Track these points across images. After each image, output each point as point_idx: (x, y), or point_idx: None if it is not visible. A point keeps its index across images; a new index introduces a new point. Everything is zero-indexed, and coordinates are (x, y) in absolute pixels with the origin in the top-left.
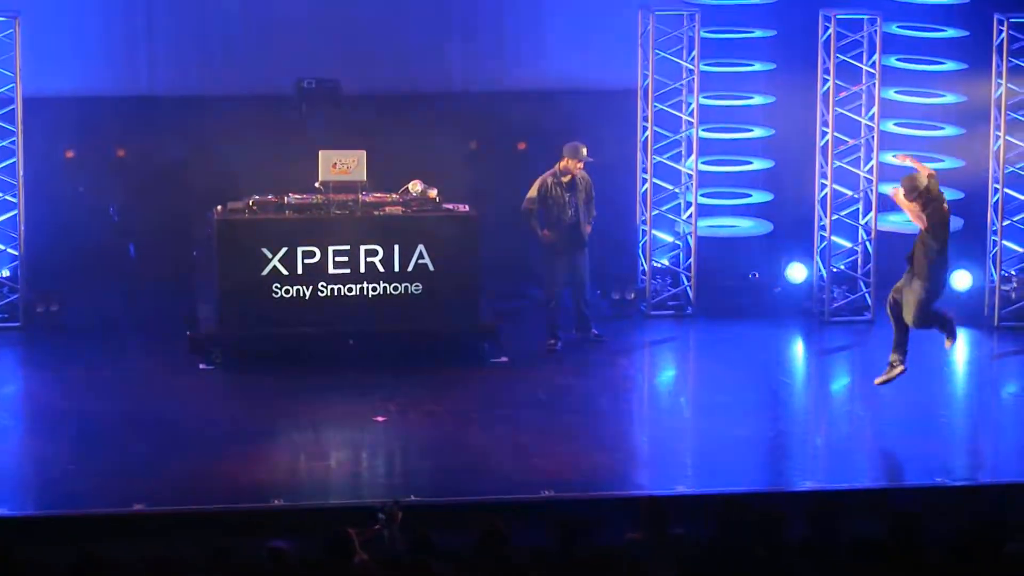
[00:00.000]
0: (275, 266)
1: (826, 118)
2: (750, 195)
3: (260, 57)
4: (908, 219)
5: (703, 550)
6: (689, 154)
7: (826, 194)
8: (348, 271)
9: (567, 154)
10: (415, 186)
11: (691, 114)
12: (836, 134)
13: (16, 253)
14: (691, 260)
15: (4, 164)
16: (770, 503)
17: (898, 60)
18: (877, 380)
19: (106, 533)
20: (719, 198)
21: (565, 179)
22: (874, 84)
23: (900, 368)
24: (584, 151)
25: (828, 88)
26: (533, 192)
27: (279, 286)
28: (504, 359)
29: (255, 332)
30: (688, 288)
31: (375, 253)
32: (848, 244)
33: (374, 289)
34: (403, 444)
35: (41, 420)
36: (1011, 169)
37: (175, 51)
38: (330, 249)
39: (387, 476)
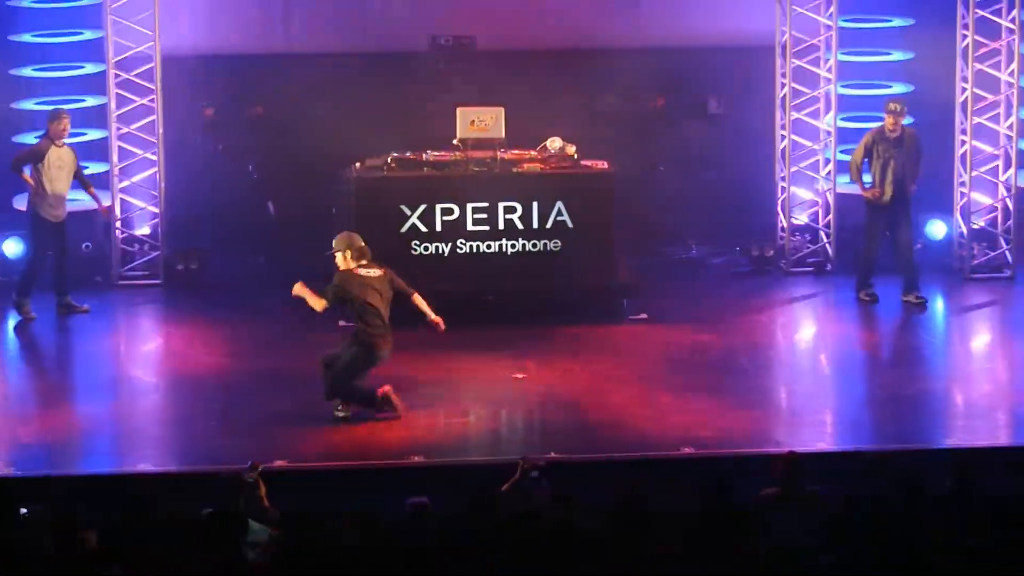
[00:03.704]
0: (414, 223)
1: (965, 74)
2: None
3: (396, 13)
4: None
5: (842, 507)
6: (828, 110)
7: (966, 151)
8: (487, 228)
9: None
10: (553, 142)
11: (829, 70)
12: (975, 90)
13: (156, 211)
14: (830, 217)
15: (144, 122)
16: (910, 461)
17: None
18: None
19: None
20: None
21: (892, 135)
22: (1014, 40)
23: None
24: (891, 105)
25: (967, 44)
26: (859, 147)
27: (418, 243)
28: (643, 316)
29: None
30: (827, 245)
31: (514, 210)
32: (988, 200)
33: (513, 246)
34: (541, 401)
35: (182, 377)
36: None
37: (311, 7)
38: (468, 206)
39: (526, 433)
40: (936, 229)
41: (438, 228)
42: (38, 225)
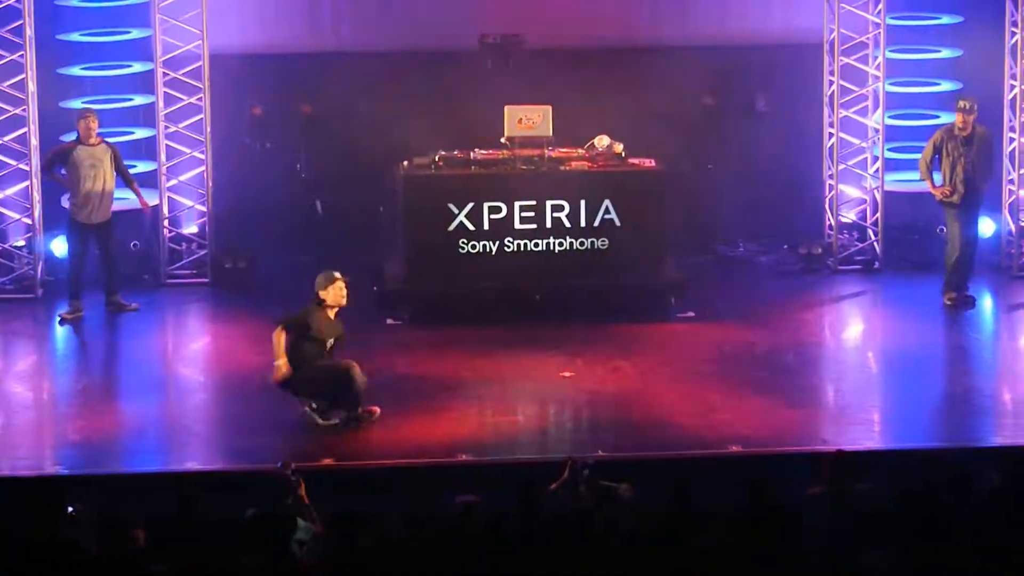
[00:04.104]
0: (461, 222)
1: (1014, 71)
2: None
3: (444, 12)
4: None
5: (890, 505)
6: (876, 108)
7: (1014, 148)
8: (534, 226)
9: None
10: (601, 141)
11: (877, 68)
12: None
13: (204, 209)
14: (878, 215)
15: (192, 121)
16: (958, 458)
17: None
18: None
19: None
20: (906, 152)
21: (962, 133)
22: None
23: None
24: (961, 103)
25: (1016, 41)
26: (928, 146)
27: (465, 241)
28: (691, 314)
29: (441, 287)
30: (875, 243)
31: (561, 208)
32: None
33: (560, 244)
34: (589, 399)
35: (229, 376)
36: None
37: (359, 6)
38: (516, 204)
39: (573, 431)
40: (984, 227)
41: (486, 226)
42: (70, 227)
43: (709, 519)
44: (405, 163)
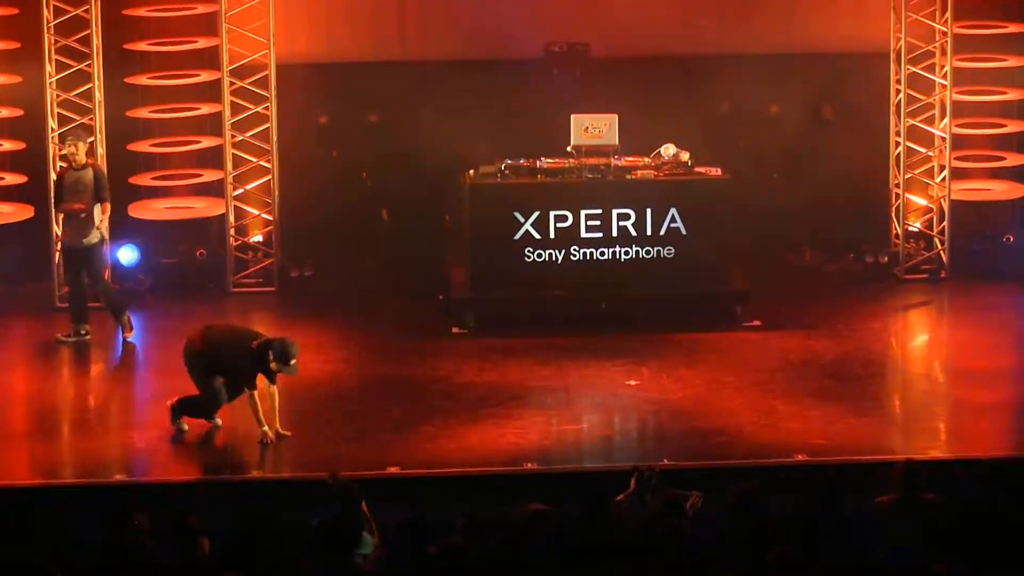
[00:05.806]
0: (527, 230)
1: None
2: (1004, 158)
3: (510, 21)
4: None
5: (956, 515)
6: (943, 117)
7: None
8: (600, 235)
9: None
10: (667, 149)
11: (944, 76)
12: None
13: (270, 218)
14: (945, 224)
15: (258, 130)
16: None
17: None
18: None
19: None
20: (973, 161)
21: None
22: None
23: None
24: None
25: None
26: None
27: (531, 250)
28: (757, 323)
29: (507, 296)
30: (941, 252)
31: (627, 217)
32: None
33: (626, 253)
34: (655, 408)
35: (294, 384)
36: None
37: (425, 15)
38: (582, 213)
39: (639, 440)
40: None
41: (552, 235)
42: (61, 250)
43: (776, 528)
44: (471, 172)
